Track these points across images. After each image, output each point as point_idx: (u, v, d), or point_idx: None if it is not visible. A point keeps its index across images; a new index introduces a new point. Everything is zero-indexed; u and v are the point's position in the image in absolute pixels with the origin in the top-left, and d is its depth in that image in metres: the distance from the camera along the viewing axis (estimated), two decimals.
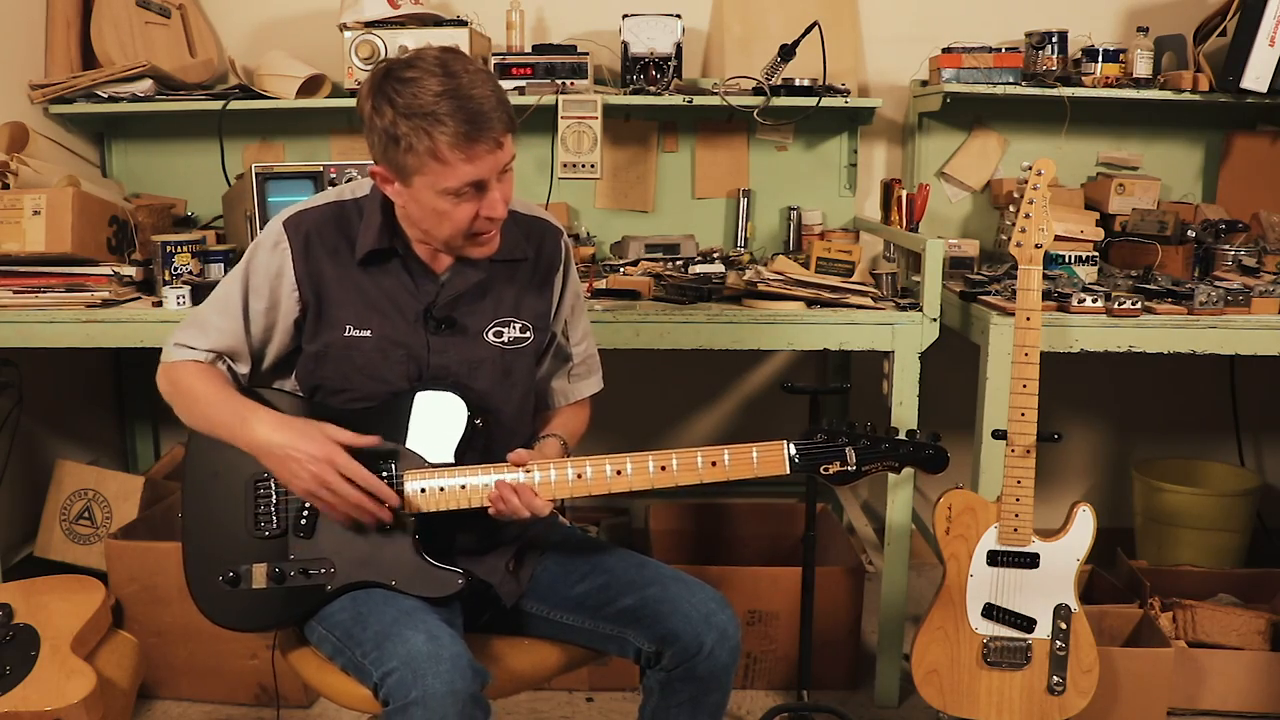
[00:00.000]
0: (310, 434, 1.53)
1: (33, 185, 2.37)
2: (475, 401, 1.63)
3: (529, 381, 1.73)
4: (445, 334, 1.64)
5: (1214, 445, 3.19)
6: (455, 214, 1.51)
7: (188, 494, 1.68)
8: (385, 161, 1.52)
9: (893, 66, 3.01)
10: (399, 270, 1.63)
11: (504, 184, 1.54)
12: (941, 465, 1.63)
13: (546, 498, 1.57)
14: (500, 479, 1.56)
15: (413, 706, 1.38)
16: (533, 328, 1.70)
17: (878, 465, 1.61)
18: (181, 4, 2.89)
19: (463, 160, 1.46)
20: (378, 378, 1.62)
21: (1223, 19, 2.68)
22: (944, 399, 2.61)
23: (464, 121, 1.44)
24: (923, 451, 1.62)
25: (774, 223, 3.06)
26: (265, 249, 1.62)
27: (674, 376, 3.14)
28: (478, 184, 1.50)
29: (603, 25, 2.92)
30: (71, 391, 2.98)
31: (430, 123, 1.44)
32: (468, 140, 1.45)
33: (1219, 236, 2.60)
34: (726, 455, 1.59)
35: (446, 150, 1.45)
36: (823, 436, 1.59)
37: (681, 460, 1.59)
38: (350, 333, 1.62)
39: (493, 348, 1.66)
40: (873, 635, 2.60)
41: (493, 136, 1.47)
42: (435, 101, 1.44)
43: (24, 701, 1.99)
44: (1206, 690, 2.39)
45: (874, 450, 1.60)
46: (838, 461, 1.59)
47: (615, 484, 1.59)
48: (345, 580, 1.59)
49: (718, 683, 1.60)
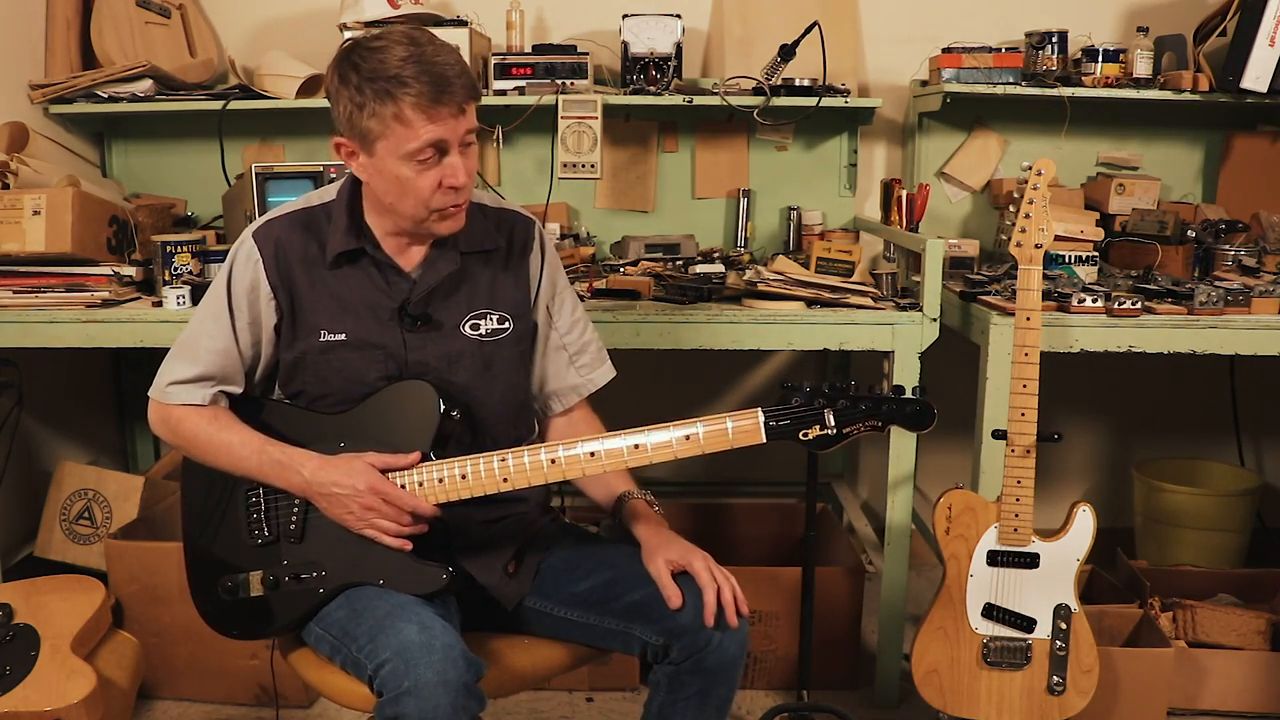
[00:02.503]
0: (353, 468, 1.55)
1: (33, 185, 2.37)
2: (457, 395, 1.63)
3: (513, 374, 1.72)
4: (421, 330, 1.64)
5: (1214, 445, 3.19)
6: (418, 182, 1.53)
7: (187, 504, 1.69)
8: (349, 131, 1.54)
9: (893, 66, 3.01)
10: (370, 270, 1.64)
11: (467, 157, 1.56)
12: (927, 420, 1.55)
13: (520, 486, 1.57)
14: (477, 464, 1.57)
15: (405, 696, 1.38)
16: (511, 317, 1.69)
17: (860, 426, 1.52)
18: (181, 4, 2.89)
19: (425, 121, 1.48)
20: (356, 379, 1.63)
21: (1223, 19, 2.68)
22: (944, 399, 2.61)
23: (428, 84, 1.47)
24: (906, 408, 1.54)
25: (774, 223, 3.06)
26: (240, 263, 1.63)
27: (674, 376, 3.14)
28: (439, 146, 1.51)
29: (603, 25, 2.93)
30: (71, 391, 2.98)
31: (394, 85, 1.47)
32: (431, 101, 1.48)
33: (1219, 236, 2.60)
34: (701, 427, 1.55)
35: (410, 111, 1.48)
36: (798, 400, 1.53)
37: (655, 438, 1.55)
38: (325, 337, 1.62)
39: (470, 340, 1.66)
40: (873, 635, 2.60)
41: (456, 101, 1.50)
42: (400, 66, 1.47)
43: (24, 701, 1.99)
44: (1206, 690, 2.39)
45: (854, 410, 1.52)
46: (816, 425, 1.52)
47: (589, 466, 1.56)
48: (337, 582, 1.59)
49: (726, 676, 1.60)
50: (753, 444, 1.55)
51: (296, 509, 1.61)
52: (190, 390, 1.62)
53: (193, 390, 1.62)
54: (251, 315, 1.63)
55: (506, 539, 1.71)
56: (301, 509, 1.61)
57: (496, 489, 1.57)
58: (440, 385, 1.61)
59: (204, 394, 1.62)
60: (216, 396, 1.63)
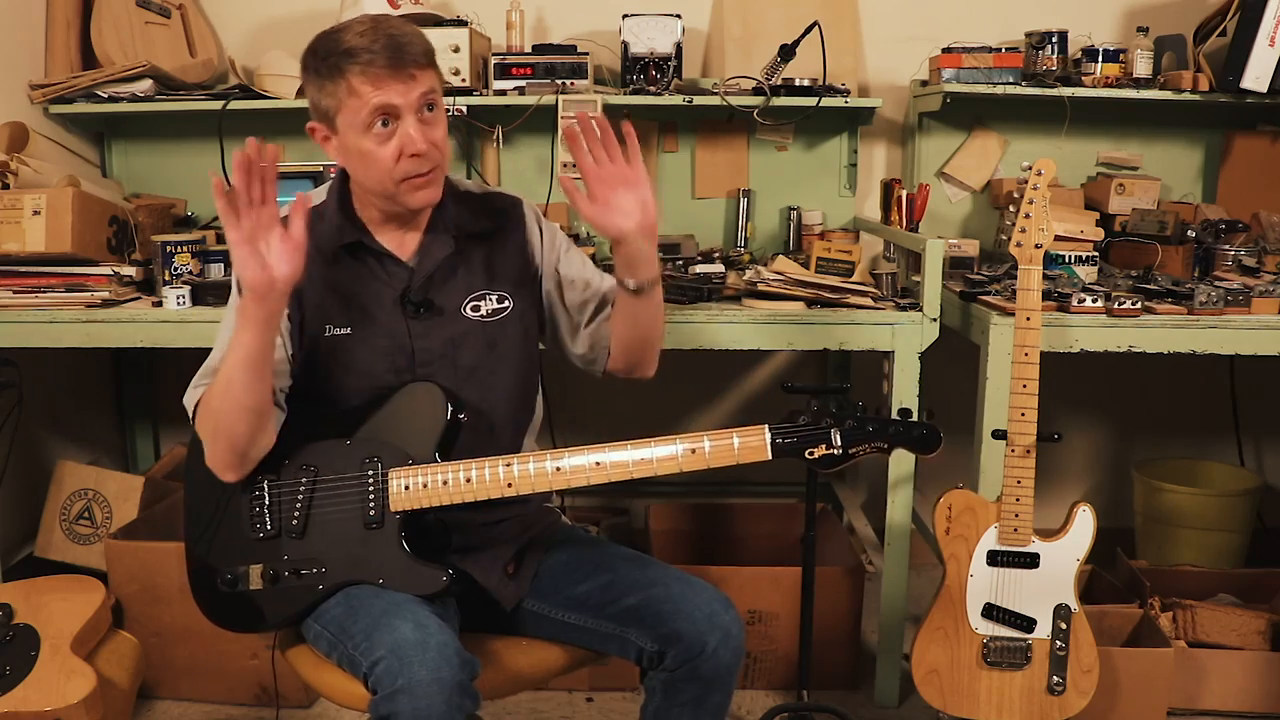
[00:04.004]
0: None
1: (33, 185, 2.37)
2: (464, 378, 1.63)
3: (520, 351, 1.72)
4: (424, 317, 1.65)
5: (1214, 445, 3.19)
6: (379, 154, 1.54)
7: (190, 496, 1.69)
8: (316, 113, 1.58)
9: (893, 66, 3.01)
10: (368, 261, 1.65)
11: (429, 125, 1.56)
12: (933, 445, 1.56)
13: (525, 492, 1.56)
14: None
15: (399, 694, 1.38)
16: (511, 296, 1.70)
17: (866, 447, 1.53)
18: (181, 4, 2.89)
19: (371, 89, 1.51)
20: (365, 371, 1.63)
21: (1223, 19, 2.68)
22: (944, 399, 2.61)
23: (378, 53, 1.50)
24: (913, 432, 1.55)
25: (774, 223, 3.06)
26: None
27: (674, 376, 3.14)
28: (390, 112, 1.52)
29: (603, 25, 2.92)
30: (71, 391, 2.98)
31: (344, 58, 1.51)
32: (380, 68, 1.50)
33: (1219, 236, 2.60)
34: (707, 442, 1.55)
35: (356, 80, 1.51)
36: (806, 419, 1.54)
37: (661, 451, 1.55)
38: (331, 332, 1.63)
39: (473, 322, 1.67)
40: (873, 635, 2.60)
41: (405, 70, 1.52)
42: (353, 40, 1.51)
43: (24, 701, 1.99)
44: (1206, 690, 2.39)
45: (861, 431, 1.53)
46: (823, 444, 1.53)
47: (594, 475, 1.56)
48: (336, 579, 1.59)
49: (721, 683, 1.60)
50: (758, 460, 1.55)
51: (300, 504, 1.61)
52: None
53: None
54: None
55: (506, 540, 1.71)
56: (305, 505, 1.61)
57: (501, 494, 1.57)
58: (448, 369, 1.63)
59: None
60: None
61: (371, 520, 1.58)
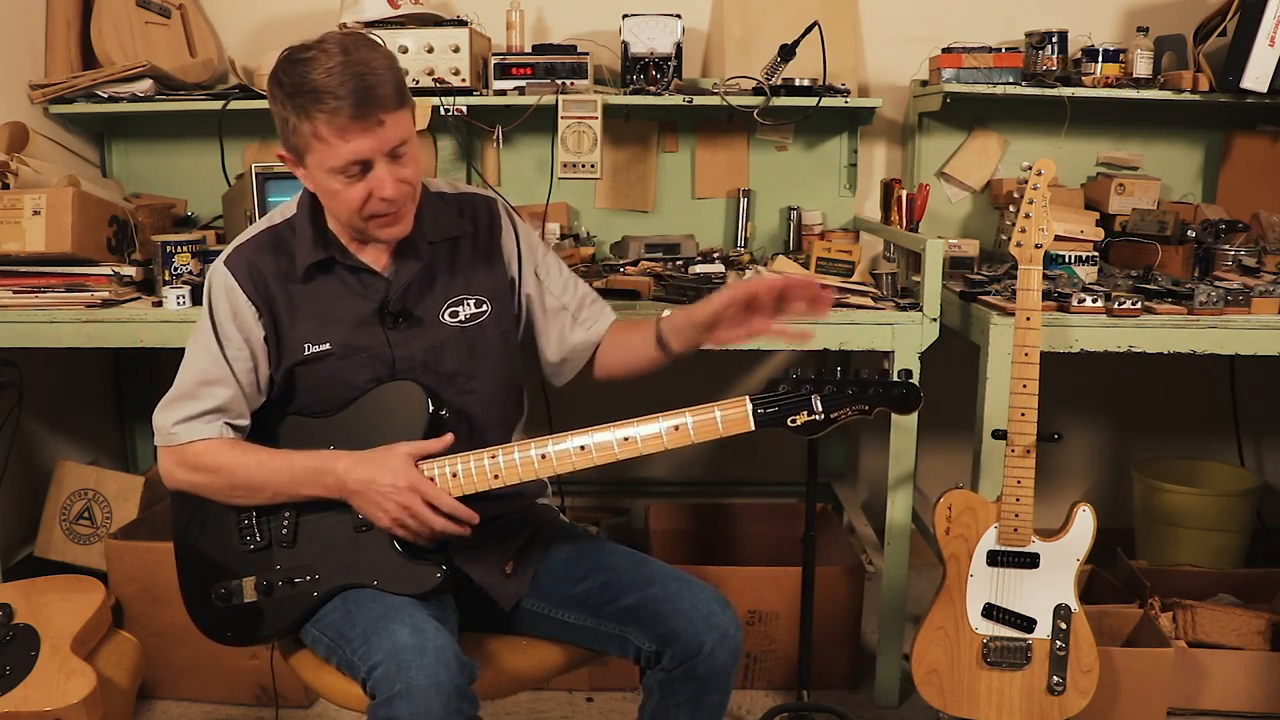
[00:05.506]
0: (389, 463, 1.53)
1: (33, 185, 2.37)
2: (445, 384, 1.63)
3: (498, 356, 1.71)
4: (403, 327, 1.64)
5: (1214, 445, 3.19)
6: (347, 194, 1.52)
7: (176, 513, 1.69)
8: (284, 144, 1.55)
9: (893, 66, 3.01)
10: (344, 276, 1.64)
11: (401, 164, 1.53)
12: (914, 403, 1.55)
13: (512, 482, 1.56)
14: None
15: (397, 699, 1.38)
16: (489, 300, 1.69)
17: (847, 410, 1.53)
18: (181, 4, 2.89)
19: (341, 140, 1.47)
20: (346, 384, 1.63)
21: (1223, 19, 2.68)
22: (944, 399, 2.61)
23: (345, 99, 1.45)
24: (892, 391, 1.54)
25: (774, 223, 3.06)
26: (217, 293, 1.62)
27: (673, 376, 3.14)
28: (362, 163, 1.50)
29: (603, 25, 2.92)
30: (71, 391, 2.98)
31: (310, 101, 1.46)
32: (348, 118, 1.46)
33: (1219, 236, 2.60)
34: (690, 418, 1.54)
35: (325, 129, 1.47)
36: (785, 387, 1.54)
37: (645, 430, 1.54)
38: (310, 349, 1.62)
39: (451, 328, 1.66)
40: (873, 635, 2.60)
41: (374, 116, 1.47)
42: (321, 79, 1.45)
43: (24, 701, 1.99)
44: (1206, 690, 2.39)
45: (841, 395, 1.53)
46: (804, 411, 1.53)
47: (580, 459, 1.55)
48: (330, 585, 1.59)
49: (718, 683, 1.60)
50: (742, 432, 1.54)
51: (288, 513, 1.61)
52: (200, 425, 1.61)
53: (202, 425, 1.61)
54: (241, 339, 1.61)
55: (505, 539, 1.71)
56: (293, 513, 1.61)
57: (488, 486, 1.57)
58: (429, 376, 1.62)
59: (214, 428, 1.61)
60: (223, 429, 1.62)
61: (361, 523, 1.58)
